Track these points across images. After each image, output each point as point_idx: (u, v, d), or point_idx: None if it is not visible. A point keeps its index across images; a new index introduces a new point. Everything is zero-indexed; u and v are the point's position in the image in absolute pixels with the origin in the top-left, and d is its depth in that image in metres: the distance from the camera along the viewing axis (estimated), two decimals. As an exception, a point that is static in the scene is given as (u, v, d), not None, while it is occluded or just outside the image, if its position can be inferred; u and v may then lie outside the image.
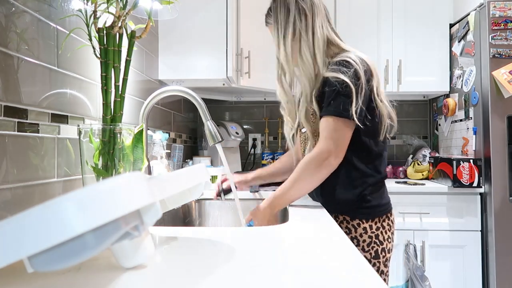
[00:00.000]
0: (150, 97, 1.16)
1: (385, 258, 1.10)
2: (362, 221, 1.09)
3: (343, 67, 1.03)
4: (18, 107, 0.79)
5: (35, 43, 0.85)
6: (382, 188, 1.15)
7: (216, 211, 1.49)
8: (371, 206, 1.09)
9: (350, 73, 1.02)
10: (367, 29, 2.37)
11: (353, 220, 1.09)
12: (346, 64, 1.04)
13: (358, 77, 1.02)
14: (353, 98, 1.00)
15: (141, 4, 0.98)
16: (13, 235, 0.34)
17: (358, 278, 0.49)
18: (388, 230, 1.12)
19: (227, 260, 0.57)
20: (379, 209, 1.11)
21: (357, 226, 1.09)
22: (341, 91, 1.01)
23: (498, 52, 1.90)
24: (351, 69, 1.02)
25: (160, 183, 0.50)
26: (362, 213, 1.09)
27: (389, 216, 1.13)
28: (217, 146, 1.15)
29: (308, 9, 1.13)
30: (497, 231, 1.87)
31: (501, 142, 1.88)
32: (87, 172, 0.90)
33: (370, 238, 1.08)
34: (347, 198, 1.09)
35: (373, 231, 1.09)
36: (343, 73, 1.02)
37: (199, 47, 1.86)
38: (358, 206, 1.09)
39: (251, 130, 2.74)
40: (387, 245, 1.11)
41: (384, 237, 1.10)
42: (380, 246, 1.09)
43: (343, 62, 1.04)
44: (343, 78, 1.01)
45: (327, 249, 0.65)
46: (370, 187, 1.09)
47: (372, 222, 1.09)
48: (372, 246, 1.08)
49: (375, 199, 1.10)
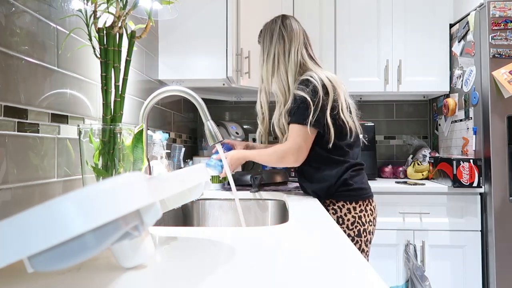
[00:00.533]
0: (150, 97, 1.16)
1: (366, 238, 1.28)
2: (346, 202, 1.28)
3: (303, 85, 1.27)
4: (18, 107, 0.79)
5: (35, 43, 0.85)
6: (361, 174, 1.34)
7: (216, 211, 1.49)
8: (353, 189, 1.28)
9: (308, 89, 1.25)
10: (367, 29, 2.37)
11: (338, 202, 1.28)
12: (306, 82, 1.26)
13: (316, 93, 1.24)
14: (311, 110, 1.23)
15: (141, 4, 0.98)
16: (13, 235, 0.34)
17: (359, 279, 0.49)
18: (370, 215, 1.30)
19: (227, 260, 0.57)
20: (361, 192, 1.29)
21: (341, 206, 1.28)
22: (301, 104, 1.25)
23: (498, 52, 1.90)
24: (309, 86, 1.25)
25: (160, 183, 0.50)
26: (345, 195, 1.28)
27: (371, 202, 1.32)
28: (217, 146, 1.15)
29: (287, 36, 1.36)
30: (497, 231, 1.87)
31: (501, 142, 1.88)
32: (87, 172, 0.90)
33: (353, 218, 1.27)
34: (329, 182, 1.28)
35: (356, 212, 1.27)
36: (302, 90, 1.25)
37: (199, 47, 1.86)
38: (341, 189, 1.28)
39: (251, 130, 2.74)
40: (368, 227, 1.29)
41: (366, 220, 1.28)
42: (362, 227, 1.27)
43: (304, 80, 1.28)
44: (303, 94, 1.25)
45: (327, 249, 0.65)
46: (348, 172, 1.28)
47: (356, 204, 1.28)
48: (355, 225, 1.26)
49: (355, 183, 1.29)
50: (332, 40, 2.37)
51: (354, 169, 1.31)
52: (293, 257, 0.59)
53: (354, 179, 1.29)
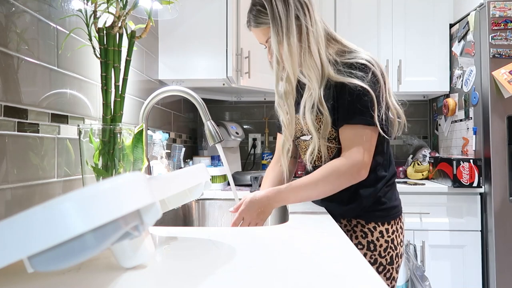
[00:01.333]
0: (150, 97, 1.16)
1: (397, 264, 1.07)
2: (378, 224, 1.05)
3: (359, 71, 0.97)
4: (18, 107, 0.79)
5: (35, 43, 0.85)
6: (394, 188, 1.12)
7: (216, 211, 1.49)
8: (386, 208, 1.06)
9: (369, 77, 0.96)
10: (367, 29, 2.38)
11: (369, 224, 1.05)
12: (363, 68, 0.98)
13: (377, 81, 0.98)
14: (375, 105, 0.96)
15: (141, 4, 0.98)
16: (13, 235, 0.34)
17: (359, 279, 0.49)
18: (401, 234, 1.09)
19: (227, 260, 0.57)
20: (394, 210, 1.08)
21: (373, 229, 1.05)
22: (363, 98, 0.95)
23: (498, 52, 1.90)
24: (368, 73, 0.97)
25: (160, 183, 0.50)
26: (377, 216, 1.05)
27: (401, 218, 1.10)
28: (217, 146, 1.15)
29: (308, 1, 1.02)
30: (497, 231, 1.87)
31: (501, 142, 1.88)
32: (87, 172, 0.90)
33: (386, 242, 1.05)
34: (363, 204, 1.04)
35: (389, 235, 1.05)
36: (361, 79, 0.96)
37: (199, 47, 1.86)
38: (373, 208, 1.05)
39: (251, 130, 2.74)
40: (400, 250, 1.08)
41: (398, 241, 1.07)
42: (395, 252, 1.06)
43: (359, 66, 0.98)
44: (363, 85, 0.95)
45: (327, 249, 0.65)
46: (384, 188, 1.06)
47: (388, 225, 1.05)
48: (388, 251, 1.05)
49: (389, 200, 1.07)
50: (332, 40, 2.37)
51: (389, 183, 1.08)
52: (293, 257, 0.59)
53: (389, 195, 1.08)
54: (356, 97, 0.96)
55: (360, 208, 1.05)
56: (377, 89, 0.97)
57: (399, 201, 1.12)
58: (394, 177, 1.11)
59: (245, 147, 2.70)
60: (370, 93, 0.95)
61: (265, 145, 2.68)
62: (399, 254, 1.07)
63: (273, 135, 2.72)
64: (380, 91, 0.98)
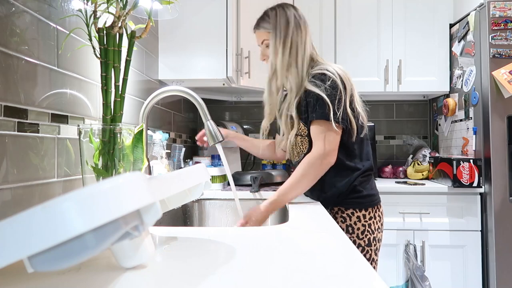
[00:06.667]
0: (150, 97, 1.16)
1: (375, 246, 1.23)
2: (356, 210, 1.22)
3: (319, 80, 1.18)
4: (18, 107, 0.79)
5: (35, 43, 0.85)
6: (370, 179, 1.28)
7: (216, 211, 1.49)
8: (362, 196, 1.23)
9: (328, 83, 1.17)
10: (367, 29, 2.37)
11: (347, 210, 1.23)
12: (322, 77, 1.18)
13: (335, 87, 1.17)
14: (330, 105, 1.15)
15: (141, 4, 0.98)
16: (13, 235, 0.34)
17: (359, 279, 0.49)
18: (378, 221, 1.25)
19: (227, 260, 0.57)
20: (370, 199, 1.24)
21: (351, 215, 1.22)
22: (324, 99, 1.16)
23: (498, 52, 1.90)
24: (328, 80, 1.17)
25: (160, 183, 0.50)
26: (354, 203, 1.22)
27: (379, 207, 1.26)
28: (217, 146, 1.16)
29: (303, 26, 1.27)
30: (497, 231, 1.87)
31: (501, 142, 1.88)
32: (87, 172, 0.90)
33: (363, 226, 1.21)
34: (340, 190, 1.22)
35: (366, 220, 1.22)
36: (318, 86, 1.17)
37: (199, 47, 1.86)
38: (350, 196, 1.22)
39: (251, 130, 2.74)
40: (377, 235, 1.24)
41: (375, 227, 1.23)
42: (372, 235, 1.22)
43: (320, 75, 1.19)
44: (318, 91, 1.17)
45: (327, 249, 0.65)
46: (359, 178, 1.23)
47: (365, 211, 1.22)
48: (366, 234, 1.21)
49: (365, 189, 1.24)
50: (332, 40, 2.37)
51: (364, 175, 1.25)
52: (293, 257, 0.59)
53: (364, 185, 1.24)
54: (315, 101, 1.18)
55: (337, 196, 1.23)
56: (334, 93, 1.17)
57: (375, 191, 1.28)
58: (370, 171, 1.28)
59: (245, 147, 2.70)
60: (323, 97, 1.16)
61: (265, 145, 2.67)
62: (377, 238, 1.23)
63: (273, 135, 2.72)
64: (336, 95, 1.17)
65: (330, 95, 1.16)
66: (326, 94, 1.16)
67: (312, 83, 1.20)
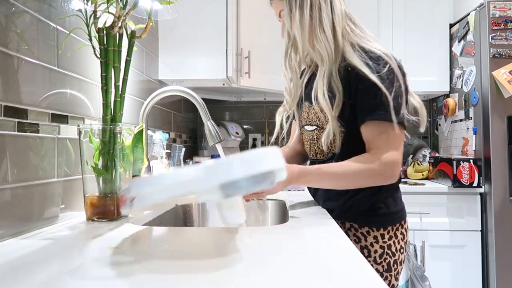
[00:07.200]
0: (150, 97, 1.16)
1: (396, 271, 1.00)
2: (372, 229, 0.98)
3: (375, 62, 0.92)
4: (18, 107, 0.79)
5: (35, 43, 0.85)
6: (396, 193, 1.04)
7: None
8: (380, 214, 0.99)
9: (385, 71, 0.91)
10: (367, 29, 2.37)
11: (362, 228, 0.99)
12: (378, 60, 0.93)
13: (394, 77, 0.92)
14: (397, 101, 0.91)
15: (141, 4, 0.98)
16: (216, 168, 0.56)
17: (359, 279, 0.49)
18: (402, 240, 1.01)
19: (227, 260, 0.57)
20: (392, 217, 1.01)
21: (366, 234, 0.99)
22: (383, 92, 0.89)
23: (498, 52, 1.90)
24: (384, 66, 0.92)
25: None
26: (370, 221, 0.99)
27: (402, 224, 1.02)
28: (217, 146, 1.16)
29: None
30: (497, 231, 1.87)
31: (501, 142, 1.88)
32: (87, 172, 0.90)
33: (382, 248, 0.98)
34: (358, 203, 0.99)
35: (385, 241, 0.98)
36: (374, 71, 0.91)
37: (199, 47, 1.86)
38: (367, 214, 0.99)
39: (251, 130, 2.74)
40: (399, 256, 1.00)
41: (397, 248, 1.00)
42: (393, 258, 0.99)
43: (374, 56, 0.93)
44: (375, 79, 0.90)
45: (327, 249, 0.65)
46: (384, 193, 0.99)
47: (384, 231, 0.99)
48: (385, 257, 0.98)
49: (387, 206, 1.00)
50: (332, 40, 2.37)
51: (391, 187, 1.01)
52: (293, 257, 0.59)
53: (386, 201, 1.00)
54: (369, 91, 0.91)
55: (354, 210, 1.00)
56: (395, 86, 0.92)
57: (400, 206, 1.04)
58: (398, 182, 1.02)
59: (245, 147, 2.70)
60: (381, 89, 0.89)
61: (265, 145, 2.68)
62: (398, 261, 1.00)
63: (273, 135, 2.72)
64: (397, 88, 0.92)
65: (388, 87, 0.90)
66: (385, 86, 0.89)
67: (362, 59, 0.93)
